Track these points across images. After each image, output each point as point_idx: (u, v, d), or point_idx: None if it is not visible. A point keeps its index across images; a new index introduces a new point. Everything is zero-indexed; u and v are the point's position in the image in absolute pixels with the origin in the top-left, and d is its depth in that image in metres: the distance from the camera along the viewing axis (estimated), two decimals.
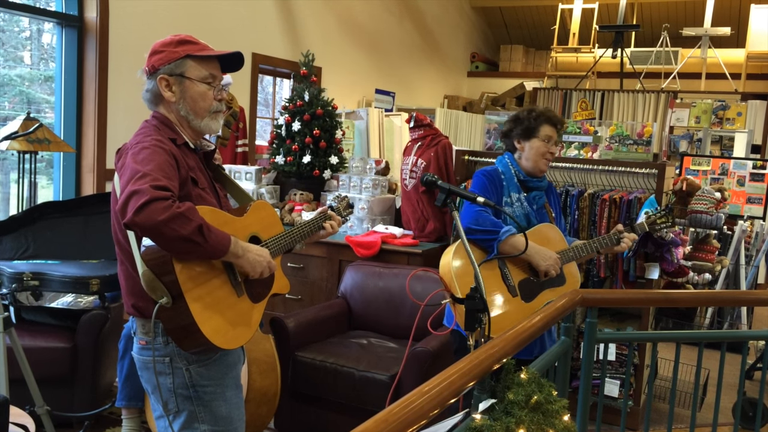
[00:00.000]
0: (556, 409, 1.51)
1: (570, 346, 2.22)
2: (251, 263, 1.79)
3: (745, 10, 8.68)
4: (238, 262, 1.78)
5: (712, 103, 7.82)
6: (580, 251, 2.55)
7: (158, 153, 1.72)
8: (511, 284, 2.46)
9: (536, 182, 2.60)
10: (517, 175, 2.59)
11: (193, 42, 1.90)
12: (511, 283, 2.46)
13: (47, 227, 3.64)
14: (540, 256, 2.45)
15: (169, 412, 1.85)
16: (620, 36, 7.75)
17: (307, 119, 4.50)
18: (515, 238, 2.40)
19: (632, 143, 3.71)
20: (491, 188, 2.55)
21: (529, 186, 2.60)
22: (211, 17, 5.47)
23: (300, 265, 4.08)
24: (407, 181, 4.14)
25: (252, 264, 1.79)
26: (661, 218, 2.70)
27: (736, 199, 5.27)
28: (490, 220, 2.43)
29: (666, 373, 4.20)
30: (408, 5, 8.67)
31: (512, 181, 2.58)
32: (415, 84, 9.08)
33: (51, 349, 3.16)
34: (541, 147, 2.55)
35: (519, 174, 2.59)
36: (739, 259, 4.90)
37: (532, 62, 10.62)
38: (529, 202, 2.60)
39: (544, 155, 2.56)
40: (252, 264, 1.79)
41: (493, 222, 2.42)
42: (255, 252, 1.81)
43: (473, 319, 1.84)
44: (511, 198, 2.59)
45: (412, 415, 1.15)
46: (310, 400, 3.20)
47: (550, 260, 2.44)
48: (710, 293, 3.69)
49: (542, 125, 2.55)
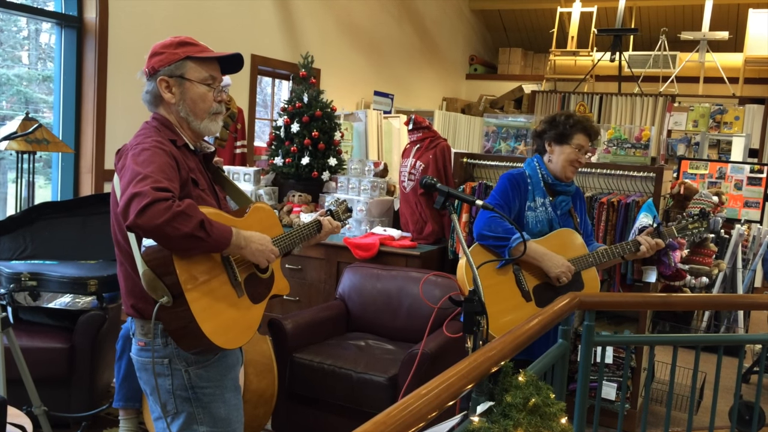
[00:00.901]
0: (553, 412, 1.51)
1: (567, 348, 2.23)
2: (254, 253, 1.81)
3: (743, 15, 8.70)
4: (242, 254, 1.79)
5: (709, 106, 7.84)
6: (600, 257, 2.54)
7: (159, 154, 1.72)
8: (525, 289, 2.47)
9: (564, 186, 2.59)
10: (544, 179, 2.58)
11: (192, 43, 1.90)
12: (526, 288, 2.47)
13: (45, 227, 3.64)
14: (552, 263, 2.44)
15: (168, 414, 1.85)
16: (619, 39, 7.77)
17: (306, 121, 4.50)
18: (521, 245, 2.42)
19: (630, 147, 3.72)
20: (513, 193, 2.55)
21: (557, 190, 2.59)
22: (211, 18, 5.48)
23: (298, 266, 4.08)
24: (406, 183, 4.15)
25: (255, 254, 1.82)
26: (694, 223, 2.64)
27: (733, 203, 5.28)
28: (503, 226, 2.44)
29: (663, 376, 4.21)
30: (407, 7, 8.68)
31: (539, 185, 2.58)
32: (414, 86, 9.09)
33: (49, 350, 3.16)
34: (571, 154, 2.54)
35: (547, 177, 2.58)
36: (736, 263, 4.91)
37: (530, 65, 10.63)
38: (554, 207, 2.59)
39: (573, 163, 2.55)
40: (255, 254, 1.82)
41: (505, 228, 2.43)
42: (257, 241, 1.82)
43: (471, 321, 1.84)
44: (535, 202, 2.58)
45: (411, 418, 1.15)
46: (308, 401, 3.20)
47: (561, 267, 2.45)
48: (707, 297, 3.70)
49: (577, 133, 2.54)
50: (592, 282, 2.58)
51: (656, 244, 2.56)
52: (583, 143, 2.55)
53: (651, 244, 2.56)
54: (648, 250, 2.56)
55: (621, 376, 3.50)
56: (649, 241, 2.56)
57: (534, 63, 10.61)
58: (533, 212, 2.56)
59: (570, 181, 2.63)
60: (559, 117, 2.61)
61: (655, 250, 2.58)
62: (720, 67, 8.29)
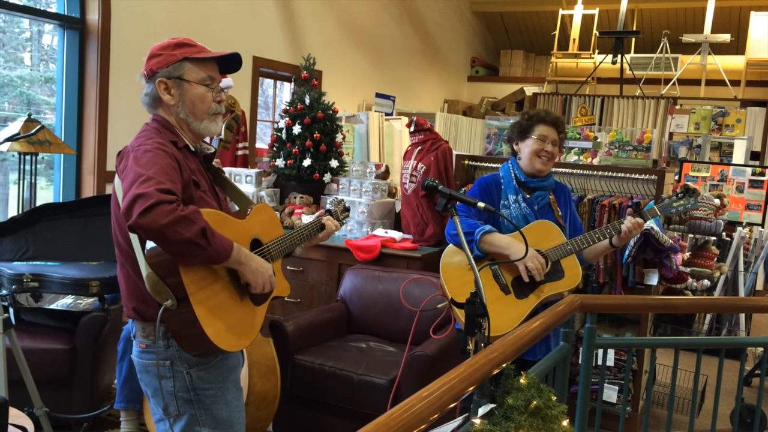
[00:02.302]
0: (555, 414, 1.51)
1: (569, 351, 2.23)
2: (253, 272, 1.79)
3: (744, 17, 8.71)
4: (240, 269, 1.78)
5: (711, 109, 7.84)
6: (579, 244, 2.52)
7: (161, 156, 1.72)
8: (503, 283, 2.48)
9: (537, 182, 2.61)
10: (516, 178, 2.62)
11: (190, 44, 1.90)
12: (503, 281, 2.48)
13: (47, 229, 3.64)
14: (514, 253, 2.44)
15: (170, 416, 1.86)
16: (620, 42, 7.77)
17: (308, 123, 4.51)
18: (490, 236, 2.46)
19: (632, 149, 3.72)
20: (481, 195, 2.61)
21: (530, 187, 2.61)
22: (213, 20, 5.49)
23: (299, 268, 4.08)
24: (407, 185, 4.15)
25: (254, 273, 1.80)
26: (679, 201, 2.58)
27: (735, 206, 5.28)
28: (467, 222, 2.49)
29: (664, 379, 4.21)
30: (409, 10, 8.69)
31: (510, 183, 2.62)
32: (416, 88, 9.10)
33: (50, 351, 3.16)
34: (533, 145, 2.58)
35: (520, 176, 2.62)
36: (737, 266, 4.91)
37: (532, 67, 10.64)
38: (530, 202, 2.62)
39: (538, 153, 2.58)
40: (254, 273, 1.80)
41: (469, 224, 2.48)
42: (258, 262, 1.81)
43: (473, 323, 1.84)
44: (508, 200, 2.63)
45: (413, 419, 1.15)
46: (309, 403, 3.20)
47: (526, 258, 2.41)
48: (709, 300, 3.70)
49: (536, 125, 2.60)
50: (572, 270, 2.55)
51: (637, 223, 2.50)
52: (545, 133, 2.58)
53: (633, 223, 2.50)
54: (630, 230, 2.50)
55: (622, 378, 3.50)
56: (630, 221, 2.51)
57: (535, 65, 10.62)
58: (507, 210, 2.60)
59: (544, 176, 2.63)
60: (520, 117, 2.70)
61: (637, 230, 2.51)
62: (722, 70, 8.29)
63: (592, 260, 2.65)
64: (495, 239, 2.46)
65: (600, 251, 2.64)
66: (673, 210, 2.58)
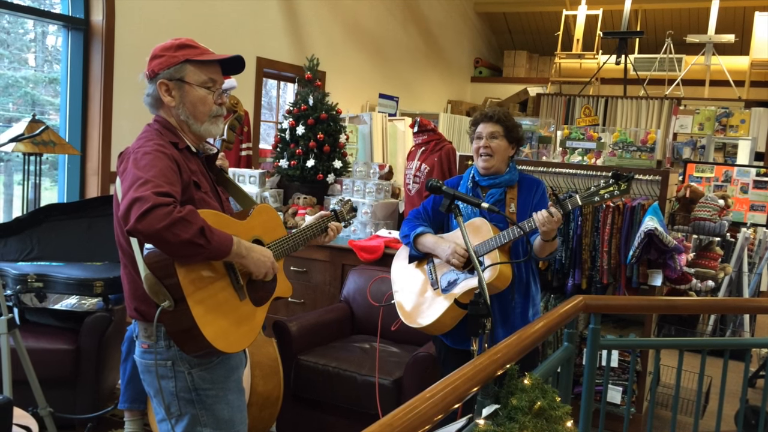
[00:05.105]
0: (559, 416, 1.51)
1: (573, 352, 2.22)
2: (255, 263, 1.80)
3: (749, 18, 8.69)
4: (242, 262, 1.78)
5: (715, 110, 7.82)
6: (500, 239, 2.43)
7: (160, 158, 1.72)
8: (433, 278, 2.60)
9: (489, 180, 2.67)
10: (473, 179, 2.73)
11: (192, 46, 1.89)
12: (434, 277, 2.60)
13: (52, 229, 3.65)
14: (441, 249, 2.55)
15: (172, 416, 1.86)
16: (624, 42, 7.76)
17: (311, 123, 4.51)
18: (421, 237, 2.63)
19: (636, 150, 3.71)
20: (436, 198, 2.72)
21: (483, 185, 2.69)
22: (217, 21, 5.50)
23: (303, 268, 4.08)
24: (410, 186, 4.15)
25: (256, 264, 1.80)
26: (607, 188, 2.34)
27: (739, 207, 5.26)
28: (408, 225, 2.70)
29: (668, 380, 4.20)
30: (412, 10, 8.69)
31: (465, 184, 2.74)
32: (419, 89, 9.10)
33: (54, 351, 3.17)
34: (474, 145, 2.70)
35: (476, 176, 2.72)
36: (741, 267, 4.90)
37: (535, 68, 10.63)
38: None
39: (476, 152, 2.68)
40: (256, 264, 1.80)
41: (410, 226, 2.68)
42: (259, 252, 1.81)
43: (476, 324, 1.84)
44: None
45: (417, 420, 1.15)
46: (312, 404, 3.20)
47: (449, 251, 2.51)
48: (713, 300, 3.69)
49: (475, 126, 2.72)
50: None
51: (548, 215, 2.31)
52: (480, 130, 2.68)
53: (544, 217, 2.32)
54: (542, 223, 2.32)
55: (626, 379, 3.49)
56: (540, 214, 2.33)
57: (539, 66, 10.61)
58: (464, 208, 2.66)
59: (495, 174, 2.65)
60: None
61: (551, 224, 2.32)
62: (726, 70, 8.27)
63: (541, 255, 2.54)
64: (425, 240, 2.62)
65: (540, 246, 2.49)
66: (597, 198, 2.35)
